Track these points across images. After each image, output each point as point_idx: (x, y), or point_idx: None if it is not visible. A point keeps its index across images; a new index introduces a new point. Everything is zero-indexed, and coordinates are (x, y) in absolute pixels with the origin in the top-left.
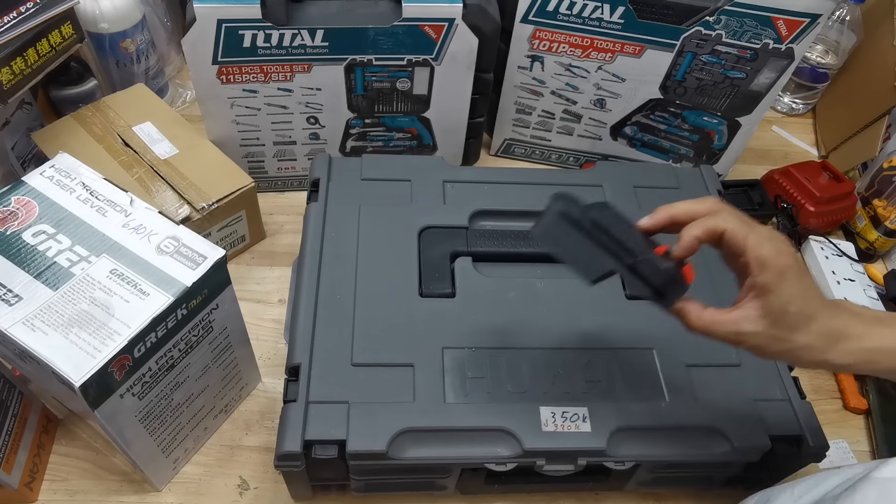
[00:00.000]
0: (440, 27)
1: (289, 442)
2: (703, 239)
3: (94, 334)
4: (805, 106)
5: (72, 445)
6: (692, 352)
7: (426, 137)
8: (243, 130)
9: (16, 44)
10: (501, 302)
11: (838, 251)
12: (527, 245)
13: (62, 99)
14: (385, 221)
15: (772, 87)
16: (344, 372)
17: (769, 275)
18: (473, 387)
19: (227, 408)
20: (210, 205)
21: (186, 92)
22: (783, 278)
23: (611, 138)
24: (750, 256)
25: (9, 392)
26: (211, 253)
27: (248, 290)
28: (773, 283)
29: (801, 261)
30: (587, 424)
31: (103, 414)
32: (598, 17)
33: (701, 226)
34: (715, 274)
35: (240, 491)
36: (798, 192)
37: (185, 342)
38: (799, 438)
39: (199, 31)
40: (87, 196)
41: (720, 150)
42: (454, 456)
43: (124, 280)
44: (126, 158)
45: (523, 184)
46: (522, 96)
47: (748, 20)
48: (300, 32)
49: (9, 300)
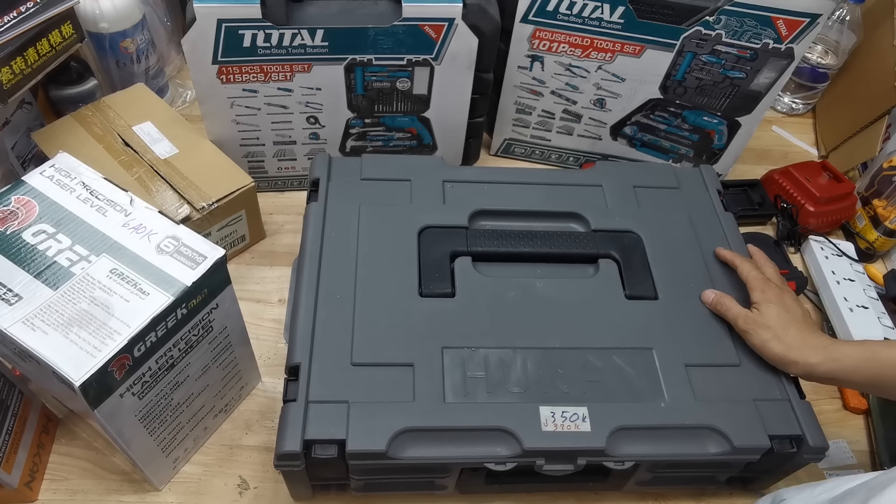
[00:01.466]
0: (440, 27)
1: (289, 442)
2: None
3: (94, 334)
4: (805, 106)
5: (72, 445)
6: (692, 352)
7: (426, 137)
8: (243, 130)
9: (16, 43)
10: (501, 302)
11: (838, 251)
12: (527, 245)
13: (62, 99)
14: (385, 221)
15: (772, 87)
16: (344, 372)
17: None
18: (473, 387)
19: (227, 407)
20: (210, 204)
21: (186, 92)
22: (770, 304)
23: (611, 138)
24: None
25: (9, 392)
26: (211, 252)
27: (248, 290)
28: (762, 305)
29: (787, 306)
30: (587, 424)
31: (103, 413)
32: (598, 17)
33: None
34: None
35: (240, 491)
36: (798, 192)
37: (185, 342)
38: (798, 438)
39: (199, 30)
40: (87, 196)
41: (720, 150)
42: (454, 456)
43: (124, 279)
44: (126, 158)
45: (523, 184)
46: (522, 96)
47: (748, 20)
48: (300, 32)
49: (9, 300)
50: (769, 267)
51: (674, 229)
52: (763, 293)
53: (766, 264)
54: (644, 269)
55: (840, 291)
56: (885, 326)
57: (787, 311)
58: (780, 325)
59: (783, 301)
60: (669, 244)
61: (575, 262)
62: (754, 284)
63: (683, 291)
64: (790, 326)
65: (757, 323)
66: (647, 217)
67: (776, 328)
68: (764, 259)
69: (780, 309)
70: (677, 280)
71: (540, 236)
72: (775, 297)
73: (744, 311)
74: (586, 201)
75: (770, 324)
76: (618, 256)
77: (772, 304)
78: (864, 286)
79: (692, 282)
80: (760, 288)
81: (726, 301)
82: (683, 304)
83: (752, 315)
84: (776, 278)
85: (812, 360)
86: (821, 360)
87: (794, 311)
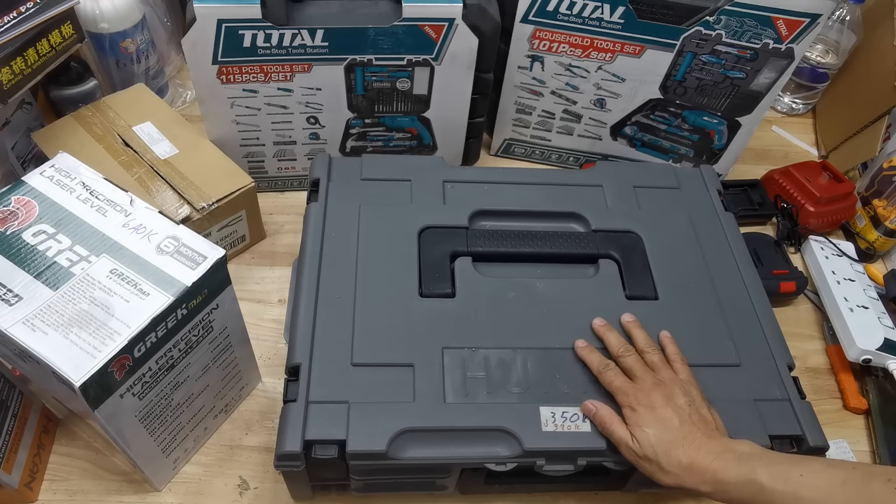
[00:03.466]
0: (440, 27)
1: (289, 442)
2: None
3: (94, 334)
4: (805, 106)
5: (72, 445)
6: (692, 352)
7: (426, 137)
8: (243, 130)
9: (16, 44)
10: (501, 302)
11: (838, 251)
12: (527, 245)
13: (62, 99)
14: (385, 221)
15: (772, 87)
16: (344, 372)
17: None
18: (473, 387)
19: (227, 408)
20: (210, 205)
21: (186, 92)
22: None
23: (611, 138)
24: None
25: (9, 392)
26: (211, 253)
27: (248, 290)
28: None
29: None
30: (587, 424)
31: (103, 414)
32: (598, 17)
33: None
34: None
35: (240, 491)
36: (798, 192)
37: (185, 342)
38: (799, 438)
39: (199, 31)
40: (87, 196)
41: (720, 150)
42: (454, 456)
43: (124, 280)
44: (126, 158)
45: (523, 184)
46: (522, 96)
47: (748, 20)
48: (300, 32)
49: (9, 300)
50: (628, 357)
51: (674, 229)
52: (633, 412)
53: (623, 354)
54: (644, 269)
55: (840, 291)
56: (886, 326)
57: (665, 430)
58: (662, 453)
59: (657, 416)
60: (669, 244)
61: (575, 263)
62: (621, 400)
63: (683, 291)
64: (671, 450)
65: (637, 454)
66: (647, 217)
67: (658, 458)
68: (617, 343)
69: (656, 429)
70: (677, 280)
71: (540, 236)
72: (646, 412)
73: (625, 437)
74: (586, 201)
75: (650, 455)
76: (618, 256)
77: (644, 427)
78: (865, 286)
79: (692, 282)
80: (628, 404)
81: (609, 425)
82: (683, 304)
83: (631, 445)
84: (640, 369)
85: (704, 489)
86: (712, 490)
87: (671, 421)
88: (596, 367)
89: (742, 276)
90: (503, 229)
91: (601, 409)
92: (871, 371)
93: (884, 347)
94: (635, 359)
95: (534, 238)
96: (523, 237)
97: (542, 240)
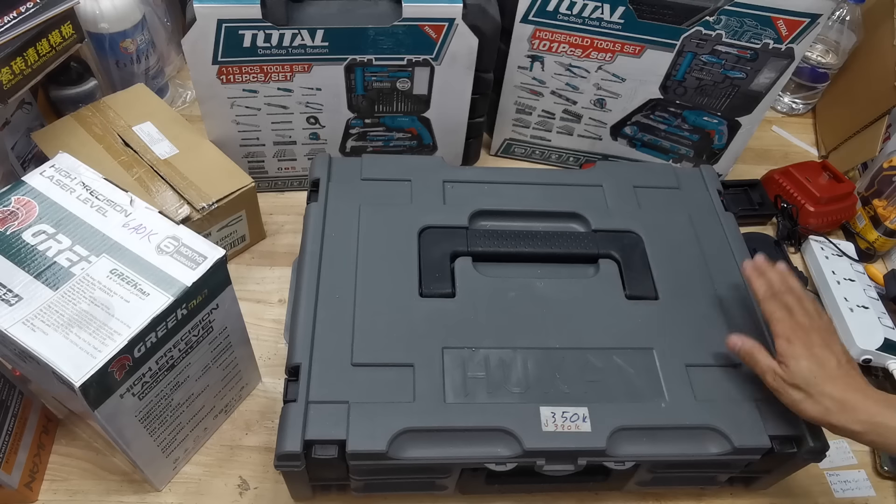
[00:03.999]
0: (440, 27)
1: (289, 442)
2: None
3: (94, 334)
4: (805, 106)
5: (72, 445)
6: (692, 352)
7: (426, 137)
8: (243, 130)
9: (16, 44)
10: (501, 302)
11: (838, 251)
12: (527, 245)
13: (62, 99)
14: (385, 221)
15: (772, 87)
16: (344, 372)
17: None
18: (473, 387)
19: (227, 408)
20: (210, 205)
21: (186, 92)
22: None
23: (611, 138)
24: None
25: (9, 392)
26: (211, 253)
27: (248, 290)
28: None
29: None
30: (587, 424)
31: (103, 414)
32: (598, 17)
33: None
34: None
35: (240, 491)
36: (798, 192)
37: (185, 342)
38: (799, 438)
39: (199, 31)
40: (87, 196)
41: (720, 150)
42: (454, 456)
43: (124, 280)
44: (126, 158)
45: (523, 184)
46: (522, 96)
47: (748, 20)
48: (300, 32)
49: (9, 300)
50: (789, 295)
51: (674, 229)
52: (789, 344)
53: (785, 291)
54: (644, 269)
55: (840, 291)
56: (886, 326)
57: (820, 366)
58: (814, 384)
59: (813, 353)
60: (670, 244)
61: (575, 262)
62: (778, 330)
63: (683, 291)
64: (825, 384)
65: (786, 381)
66: (647, 217)
67: (809, 388)
68: (780, 279)
69: (812, 363)
70: (677, 280)
71: (540, 236)
72: (803, 348)
73: (772, 365)
74: (586, 201)
75: (800, 384)
76: (618, 256)
77: (800, 359)
78: (865, 286)
79: (692, 282)
80: (785, 336)
81: (755, 354)
82: (684, 304)
83: (780, 372)
84: (800, 310)
85: (855, 427)
86: (864, 430)
87: (828, 361)
88: (762, 294)
89: (742, 277)
90: (503, 229)
91: (748, 340)
92: (871, 371)
93: (884, 347)
94: (796, 299)
95: (534, 238)
96: (523, 237)
97: (543, 240)
